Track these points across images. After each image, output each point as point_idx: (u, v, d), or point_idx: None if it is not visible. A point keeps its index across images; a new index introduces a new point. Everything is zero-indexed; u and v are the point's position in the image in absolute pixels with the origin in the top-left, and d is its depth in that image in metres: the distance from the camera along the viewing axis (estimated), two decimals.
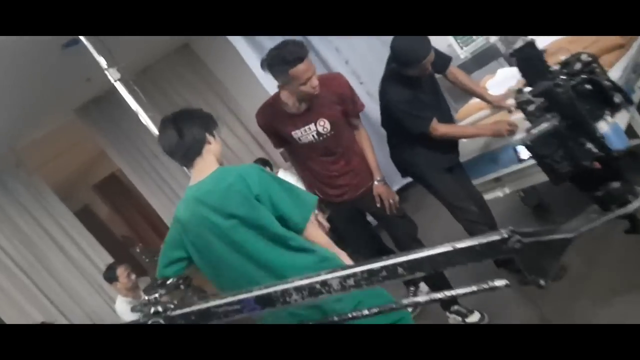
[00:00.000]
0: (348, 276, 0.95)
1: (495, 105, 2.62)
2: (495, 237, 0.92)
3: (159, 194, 5.76)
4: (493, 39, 4.24)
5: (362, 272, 0.94)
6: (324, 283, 0.97)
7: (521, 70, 1.44)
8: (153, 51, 5.55)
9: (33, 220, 5.15)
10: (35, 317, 4.82)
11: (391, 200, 2.61)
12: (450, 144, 2.62)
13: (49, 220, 5.24)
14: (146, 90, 5.76)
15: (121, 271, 4.10)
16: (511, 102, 2.57)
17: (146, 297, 3.84)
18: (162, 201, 5.77)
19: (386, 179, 2.64)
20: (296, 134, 2.50)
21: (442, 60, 2.54)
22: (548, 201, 3.17)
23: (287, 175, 4.23)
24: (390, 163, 2.79)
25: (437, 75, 2.66)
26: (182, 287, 3.64)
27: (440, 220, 3.58)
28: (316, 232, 1.93)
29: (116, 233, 9.65)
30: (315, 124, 2.46)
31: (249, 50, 4.02)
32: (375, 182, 2.61)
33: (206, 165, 1.90)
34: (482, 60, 4.32)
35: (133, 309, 3.41)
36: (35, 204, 5.22)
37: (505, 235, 0.92)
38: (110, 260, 5.20)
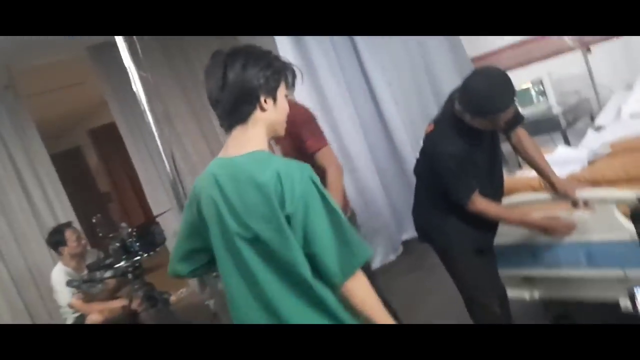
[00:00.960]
0: None
1: (561, 193, 2.09)
2: None
3: (147, 160, 5.27)
4: (556, 109, 3.74)
5: None
6: None
7: None
8: None
9: (4, 150, 4.63)
10: None
11: None
12: (491, 222, 2.10)
13: (22, 156, 4.71)
14: (170, 54, 5.35)
15: (70, 233, 3.62)
16: (581, 195, 2.05)
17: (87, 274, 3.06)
18: (148, 168, 5.27)
19: (395, 226, 2.18)
20: None
21: (513, 117, 2.03)
22: (574, 315, 2.65)
23: None
24: (401, 205, 2.29)
25: None
26: (129, 276, 3.03)
27: (442, 287, 3.10)
28: (358, 292, 1.29)
29: (99, 186, 9.20)
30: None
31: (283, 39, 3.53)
32: None
33: (246, 140, 1.34)
34: (536, 129, 3.81)
35: (69, 284, 2.83)
36: (13, 134, 4.69)
37: None
38: (72, 218, 4.71)
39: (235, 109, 1.33)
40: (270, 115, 1.36)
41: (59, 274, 3.57)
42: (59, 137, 8.56)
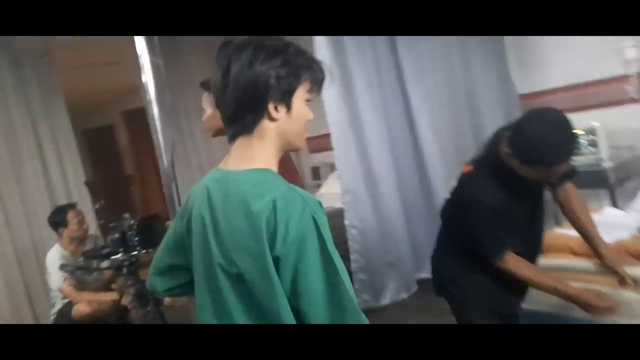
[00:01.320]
0: None
1: (607, 264, 1.81)
2: None
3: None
4: (607, 163, 3.42)
5: None
6: None
7: None
8: None
9: (28, 118, 4.55)
10: None
11: None
12: (520, 285, 1.83)
13: (46, 127, 4.62)
14: (208, 41, 5.21)
15: (72, 215, 3.47)
16: (631, 271, 1.77)
17: (83, 261, 2.83)
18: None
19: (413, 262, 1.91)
20: None
21: (566, 171, 1.76)
22: None
23: None
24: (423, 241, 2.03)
25: None
26: (124, 270, 2.84)
27: None
28: None
29: (126, 168, 9.18)
30: None
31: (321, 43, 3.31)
32: None
33: (251, 153, 1.10)
34: (580, 182, 3.50)
35: (62, 268, 2.66)
36: (41, 104, 4.61)
37: None
38: (86, 198, 4.59)
39: (237, 116, 1.09)
40: (283, 125, 1.09)
41: (54, 255, 3.43)
42: (93, 113, 8.56)
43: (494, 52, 3.86)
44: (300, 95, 1.10)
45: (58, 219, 3.50)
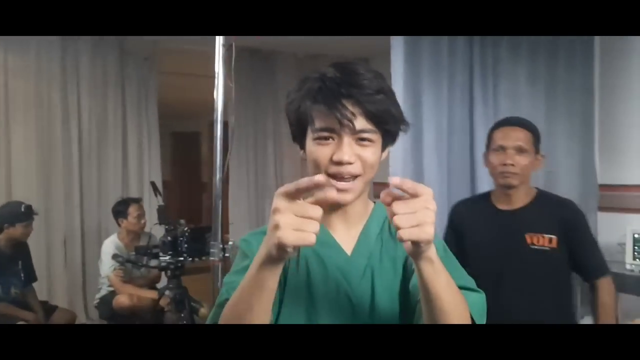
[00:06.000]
0: None
1: None
2: None
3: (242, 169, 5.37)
4: None
5: None
6: None
7: None
8: None
9: (121, 115, 4.89)
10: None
11: None
12: None
13: (134, 123, 4.96)
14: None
15: (134, 209, 3.66)
16: None
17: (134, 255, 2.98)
18: (241, 177, 5.36)
19: None
20: None
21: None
22: None
23: None
24: None
25: None
26: (168, 273, 2.94)
27: None
28: None
29: (202, 175, 9.58)
30: None
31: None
32: None
33: None
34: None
35: (114, 257, 2.82)
36: (135, 102, 4.97)
37: None
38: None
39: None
40: None
41: (109, 245, 3.62)
42: (187, 118, 9.03)
43: (581, 137, 3.68)
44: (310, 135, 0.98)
45: (120, 209, 3.69)
